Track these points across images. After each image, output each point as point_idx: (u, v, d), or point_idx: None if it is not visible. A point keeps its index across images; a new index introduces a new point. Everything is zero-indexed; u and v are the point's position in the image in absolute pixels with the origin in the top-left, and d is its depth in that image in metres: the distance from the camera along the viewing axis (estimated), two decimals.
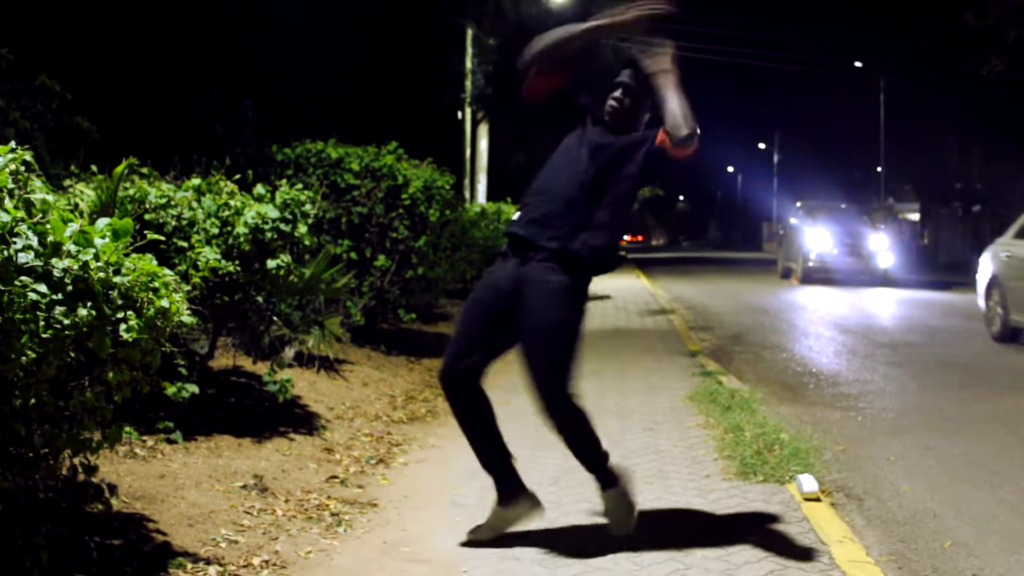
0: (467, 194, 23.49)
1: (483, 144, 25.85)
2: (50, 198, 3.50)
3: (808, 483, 5.00)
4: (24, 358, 3.08)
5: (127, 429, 3.80)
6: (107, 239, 3.40)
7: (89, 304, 3.27)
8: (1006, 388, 8.90)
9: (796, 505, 4.85)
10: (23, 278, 3.06)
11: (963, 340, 12.79)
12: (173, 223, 5.40)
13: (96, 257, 3.30)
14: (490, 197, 24.50)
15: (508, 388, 7.06)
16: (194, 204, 5.54)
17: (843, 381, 9.18)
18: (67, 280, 3.20)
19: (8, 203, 3.24)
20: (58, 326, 3.16)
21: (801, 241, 24.57)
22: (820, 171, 65.85)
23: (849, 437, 6.63)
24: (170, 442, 5.32)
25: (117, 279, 3.36)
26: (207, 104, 12.68)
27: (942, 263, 46.57)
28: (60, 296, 3.19)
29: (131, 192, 5.41)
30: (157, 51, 17.54)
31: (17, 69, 7.98)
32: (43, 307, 3.13)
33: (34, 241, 3.13)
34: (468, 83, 23.58)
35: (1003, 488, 5.54)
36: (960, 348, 12.01)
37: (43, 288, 3.12)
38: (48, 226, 3.22)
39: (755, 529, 4.52)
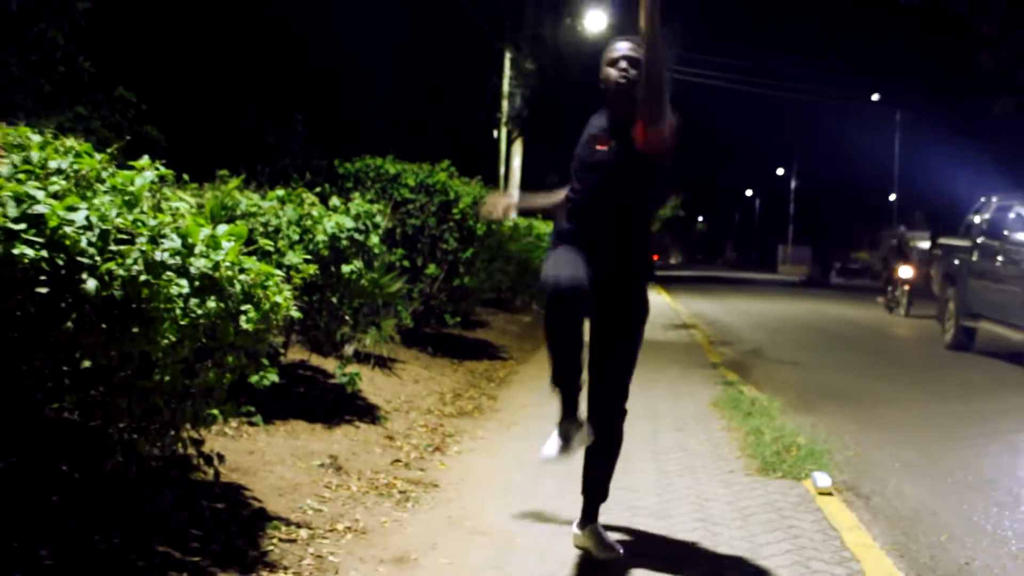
0: None
1: (516, 162, 26.28)
2: (185, 205, 3.97)
3: (822, 479, 5.42)
4: (165, 341, 3.52)
5: (227, 408, 4.21)
6: (232, 242, 3.85)
7: (215, 297, 3.72)
8: (1014, 407, 9.27)
9: (811, 498, 5.26)
10: (168, 274, 3.50)
11: (973, 355, 13.14)
12: (260, 229, 5.85)
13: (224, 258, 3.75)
14: (520, 213, 24.91)
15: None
16: (280, 213, 5.99)
17: (855, 394, 9.55)
18: (202, 276, 3.64)
19: (146, 207, 3.70)
20: (193, 315, 3.60)
21: None
22: (835, 198, 66.11)
23: (860, 444, 7.00)
24: (251, 424, 5.75)
25: (241, 277, 3.81)
26: (260, 116, 13.18)
27: None
28: (193, 289, 3.64)
29: (225, 201, 5.86)
30: (216, 66, 18.08)
31: (98, 81, 8.44)
32: (181, 299, 3.58)
33: (178, 243, 3.57)
34: (505, 104, 24.03)
35: (997, 492, 5.92)
36: (972, 364, 12.35)
37: (184, 283, 3.56)
38: (187, 230, 3.67)
39: (775, 516, 4.93)
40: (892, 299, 22.34)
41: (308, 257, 5.66)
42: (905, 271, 21.68)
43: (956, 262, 14.67)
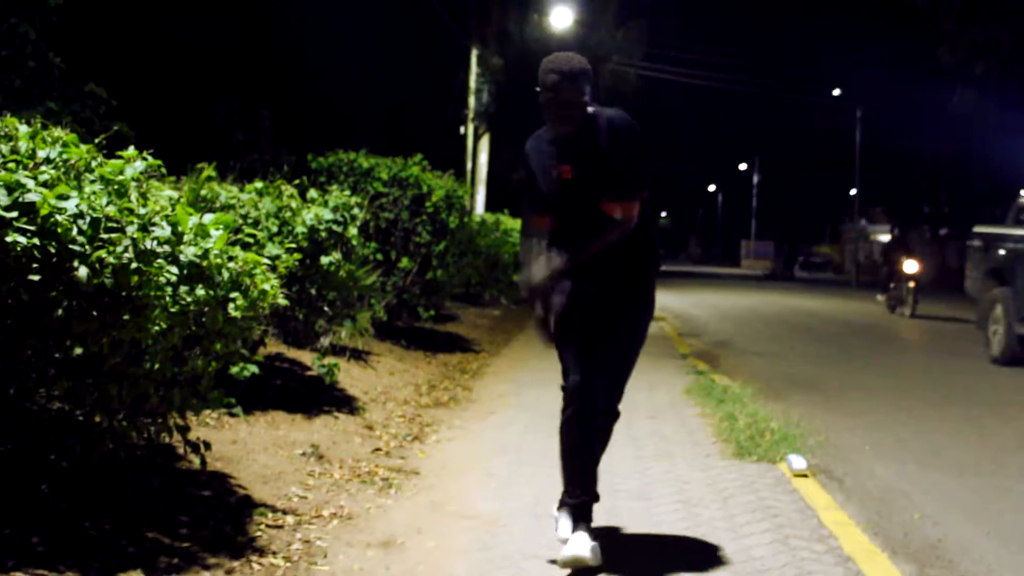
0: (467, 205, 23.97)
1: (483, 158, 26.35)
2: (174, 195, 3.99)
3: (797, 462, 5.51)
4: (156, 328, 3.55)
5: (215, 395, 4.24)
6: (220, 231, 3.87)
7: (204, 285, 3.75)
8: (978, 390, 9.43)
9: (787, 480, 5.36)
10: (159, 261, 3.53)
11: (926, 349, 13.33)
12: (240, 221, 5.87)
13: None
14: (488, 208, 25.00)
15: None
16: (259, 205, 6.01)
17: (822, 382, 9.68)
18: (191, 264, 3.67)
19: (133, 197, 3.72)
20: (183, 302, 3.63)
21: None
22: (797, 193, 66.60)
23: (830, 429, 7.10)
24: (232, 416, 5.76)
25: (230, 264, 3.84)
26: (228, 113, 13.17)
27: None
28: (183, 277, 3.67)
29: (204, 193, 5.87)
30: (184, 63, 18.01)
31: (69, 77, 8.40)
32: (171, 287, 3.60)
33: (168, 231, 3.60)
34: (472, 100, 24.07)
35: (966, 475, 6.04)
36: (922, 355, 12.53)
37: (173, 270, 3.59)
38: (176, 218, 3.69)
39: (753, 498, 5.01)
40: (894, 297, 19.98)
41: (292, 247, 5.69)
42: (910, 265, 19.28)
43: (1005, 254, 12.02)
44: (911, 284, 19.25)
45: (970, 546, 4.60)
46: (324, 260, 6.15)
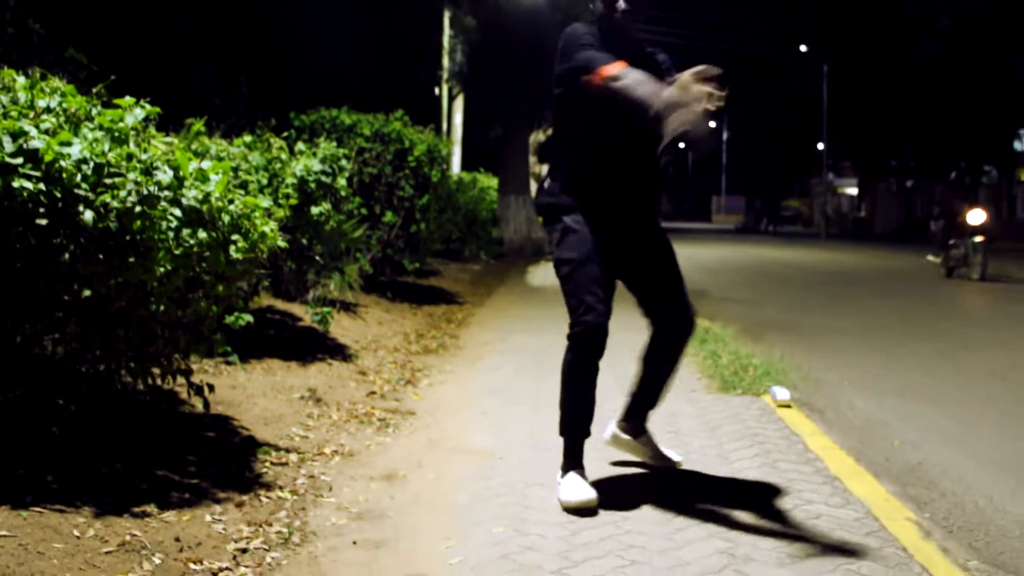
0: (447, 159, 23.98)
1: (458, 118, 26.29)
2: (174, 140, 4.00)
3: (781, 393, 5.61)
4: (160, 270, 3.58)
5: (218, 337, 4.27)
6: (220, 176, 3.89)
7: (206, 228, 3.78)
8: (946, 328, 9.57)
9: (772, 410, 5.45)
10: (162, 204, 3.55)
11: (907, 285, 13.48)
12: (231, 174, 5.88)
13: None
14: (463, 168, 25.01)
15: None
16: (249, 158, 6.02)
17: (797, 325, 9.80)
18: (193, 208, 3.70)
19: (133, 144, 3.73)
20: (186, 244, 3.66)
21: None
22: (766, 148, 66.80)
23: (810, 367, 7.21)
24: (228, 364, 5.81)
25: (231, 208, 3.87)
26: (205, 79, 13.09)
27: (878, 233, 47.62)
28: (185, 220, 3.69)
29: (194, 147, 5.87)
30: (161, 29, 17.87)
31: (48, 43, 8.34)
32: (174, 229, 3.63)
33: (170, 175, 3.62)
34: (445, 60, 23.96)
35: (943, 404, 6.15)
36: (905, 293, 12.68)
37: (177, 213, 3.62)
38: (177, 162, 3.72)
39: (740, 427, 5.10)
40: (956, 257, 15.78)
41: (287, 195, 5.71)
42: (976, 216, 15.20)
43: None
44: (979, 238, 15.22)
45: (949, 468, 4.71)
46: (314, 210, 6.18)
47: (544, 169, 28.27)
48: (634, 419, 4.37)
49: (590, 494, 3.76)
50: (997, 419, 5.78)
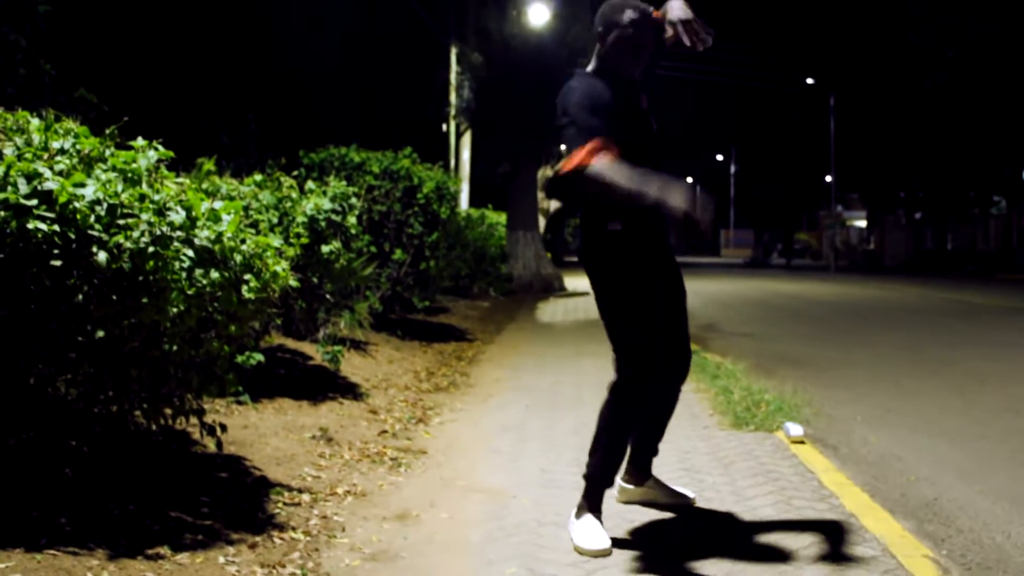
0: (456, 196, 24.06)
1: (465, 154, 26.40)
2: (185, 181, 4.03)
3: (795, 429, 5.60)
4: (174, 310, 3.60)
5: (230, 377, 4.28)
6: (231, 216, 3.92)
7: (218, 268, 3.80)
8: (957, 361, 9.54)
9: (785, 447, 5.44)
10: (175, 245, 3.57)
11: (916, 318, 13.45)
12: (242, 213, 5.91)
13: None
14: (471, 204, 25.08)
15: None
16: (259, 196, 6.06)
17: (809, 360, 9.78)
18: (206, 248, 3.72)
19: (146, 185, 3.76)
20: (198, 285, 3.68)
21: None
22: (774, 182, 66.92)
23: (820, 402, 7.19)
24: (240, 403, 5.82)
25: (243, 247, 3.89)
26: (213, 118, 13.19)
27: (887, 265, 47.58)
28: (198, 260, 3.71)
29: (205, 186, 5.91)
30: (171, 68, 18.04)
31: (59, 83, 8.43)
32: (187, 270, 3.65)
33: (183, 215, 3.64)
34: (453, 97, 24.09)
35: (957, 439, 6.13)
36: (914, 326, 12.65)
37: (190, 253, 3.64)
38: (190, 203, 3.74)
39: (754, 464, 5.09)
40: None
41: (297, 234, 5.73)
42: None
43: None
44: None
45: (965, 504, 4.69)
46: (325, 249, 6.20)
47: (553, 204, 28.27)
48: (638, 469, 4.34)
49: (606, 543, 3.72)
50: (1012, 454, 5.76)
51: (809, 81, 49.93)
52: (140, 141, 4.00)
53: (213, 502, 4.10)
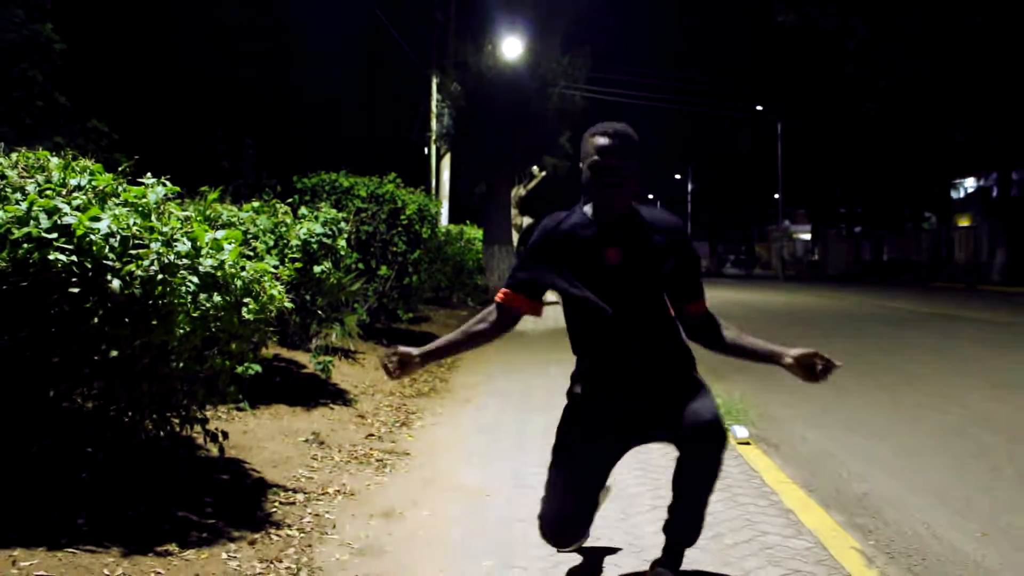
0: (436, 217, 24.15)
1: (445, 175, 26.43)
2: (191, 214, 4.10)
3: (741, 431, 5.71)
4: (180, 331, 3.66)
5: (232, 389, 4.34)
6: (232, 245, 3.98)
7: (220, 292, 3.86)
8: (890, 364, 9.68)
9: (732, 447, 5.53)
10: (182, 272, 3.64)
11: (856, 324, 13.61)
12: (241, 237, 5.96)
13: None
14: (451, 220, 25.15)
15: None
16: (257, 222, 6.11)
17: (757, 365, 9.88)
18: (209, 274, 3.78)
19: (154, 218, 3.82)
20: (203, 308, 3.74)
21: None
22: (727, 198, 67.40)
23: (767, 404, 7.30)
24: (239, 410, 5.86)
25: (243, 273, 3.95)
26: (213, 143, 13.19)
27: (830, 275, 47.99)
28: (202, 286, 3.77)
29: (208, 213, 5.96)
30: (173, 98, 18.04)
31: (73, 114, 8.46)
32: (192, 294, 3.71)
33: (188, 246, 3.71)
34: (434, 123, 24.17)
35: (887, 438, 6.25)
36: (854, 332, 12.81)
37: (195, 280, 3.70)
38: (195, 234, 3.80)
39: None
40: None
41: (294, 256, 5.79)
42: None
43: None
44: None
45: (891, 497, 4.79)
46: (316, 269, 6.25)
47: (525, 220, 28.42)
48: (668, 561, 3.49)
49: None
50: (935, 450, 5.88)
51: (759, 108, 50.33)
52: (149, 178, 4.06)
53: (216, 502, 4.15)
